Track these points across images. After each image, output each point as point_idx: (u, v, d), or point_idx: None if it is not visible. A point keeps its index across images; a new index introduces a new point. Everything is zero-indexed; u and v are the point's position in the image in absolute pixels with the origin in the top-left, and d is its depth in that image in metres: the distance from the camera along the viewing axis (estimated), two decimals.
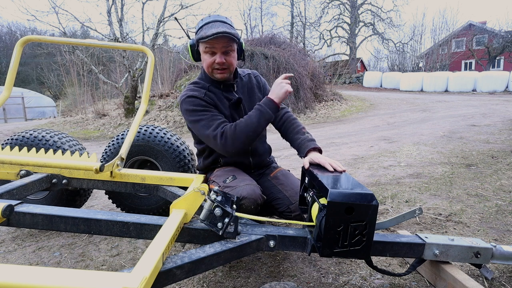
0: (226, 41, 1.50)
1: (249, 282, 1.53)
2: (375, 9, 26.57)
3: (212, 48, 1.51)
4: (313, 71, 11.21)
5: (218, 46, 1.50)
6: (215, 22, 1.50)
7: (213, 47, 1.50)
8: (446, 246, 1.34)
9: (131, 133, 2.07)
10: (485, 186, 2.75)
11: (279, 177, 1.70)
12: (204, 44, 1.51)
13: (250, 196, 1.43)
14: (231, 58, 1.56)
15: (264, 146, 1.82)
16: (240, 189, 1.46)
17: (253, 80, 1.78)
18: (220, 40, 1.48)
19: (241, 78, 1.74)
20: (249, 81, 1.76)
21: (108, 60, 15.17)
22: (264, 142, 1.83)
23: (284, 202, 1.56)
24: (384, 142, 5.15)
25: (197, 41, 1.54)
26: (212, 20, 1.51)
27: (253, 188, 1.48)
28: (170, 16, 10.75)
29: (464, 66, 25.80)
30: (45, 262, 1.81)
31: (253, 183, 1.53)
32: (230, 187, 1.50)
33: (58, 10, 9.91)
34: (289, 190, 1.59)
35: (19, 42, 1.99)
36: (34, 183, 1.83)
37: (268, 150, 1.84)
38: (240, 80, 1.74)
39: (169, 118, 8.85)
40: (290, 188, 1.60)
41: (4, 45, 29.93)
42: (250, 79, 1.78)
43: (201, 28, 1.51)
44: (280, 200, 1.58)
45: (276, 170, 1.77)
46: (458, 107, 9.71)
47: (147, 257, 0.97)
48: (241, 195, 1.43)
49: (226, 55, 1.54)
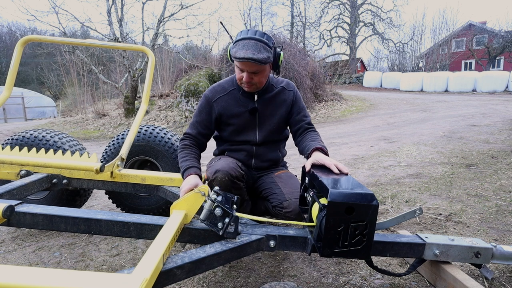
0: (254, 65, 1.50)
1: (249, 282, 1.53)
2: (375, 9, 26.56)
3: (241, 67, 1.54)
4: (313, 71, 11.21)
5: (245, 68, 1.53)
6: (249, 40, 1.48)
7: (242, 67, 1.54)
8: (446, 246, 1.34)
9: (131, 133, 2.07)
10: (485, 186, 2.75)
11: (282, 176, 1.72)
12: (235, 60, 1.53)
13: (223, 168, 1.50)
14: (259, 77, 1.57)
15: (273, 154, 1.79)
16: (216, 165, 1.55)
17: (285, 94, 1.74)
18: (246, 64, 1.50)
19: (270, 89, 1.72)
20: (277, 93, 1.73)
21: (108, 60, 15.16)
22: (274, 151, 1.79)
23: (278, 197, 1.58)
24: (384, 142, 5.15)
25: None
26: (246, 37, 1.49)
27: (227, 162, 1.54)
28: (170, 16, 10.76)
29: (464, 66, 25.79)
30: (45, 262, 1.81)
31: (231, 160, 1.58)
32: (210, 166, 1.60)
33: (58, 10, 9.91)
34: (287, 188, 1.60)
35: (19, 42, 1.99)
36: (34, 183, 1.83)
37: (276, 159, 1.81)
38: (268, 91, 1.71)
39: (169, 118, 8.86)
40: (289, 187, 1.61)
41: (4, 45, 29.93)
42: (281, 92, 1.73)
43: (237, 42, 1.51)
44: (276, 195, 1.60)
45: (282, 171, 1.78)
46: (458, 107, 9.71)
47: (147, 258, 0.97)
48: (215, 169, 1.51)
49: (254, 74, 1.56)
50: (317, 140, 1.57)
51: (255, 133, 1.72)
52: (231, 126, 1.71)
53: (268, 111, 1.72)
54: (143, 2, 10.59)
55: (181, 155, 1.64)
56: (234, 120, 1.70)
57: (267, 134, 1.73)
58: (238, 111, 1.69)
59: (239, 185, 1.57)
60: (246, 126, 1.71)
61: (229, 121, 1.70)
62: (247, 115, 1.69)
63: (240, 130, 1.72)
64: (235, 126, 1.71)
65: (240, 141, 1.74)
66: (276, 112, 1.73)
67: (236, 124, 1.70)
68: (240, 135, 1.73)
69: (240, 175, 1.56)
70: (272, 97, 1.72)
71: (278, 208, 1.56)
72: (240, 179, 1.57)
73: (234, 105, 1.69)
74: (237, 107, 1.69)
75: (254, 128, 1.72)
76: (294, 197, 1.54)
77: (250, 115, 1.69)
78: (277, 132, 1.76)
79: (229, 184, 1.51)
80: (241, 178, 1.57)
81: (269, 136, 1.74)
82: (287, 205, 1.53)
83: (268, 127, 1.72)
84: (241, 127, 1.71)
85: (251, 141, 1.73)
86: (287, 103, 1.74)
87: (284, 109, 1.74)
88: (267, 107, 1.71)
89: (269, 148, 1.78)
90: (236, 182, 1.54)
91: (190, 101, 9.01)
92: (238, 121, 1.69)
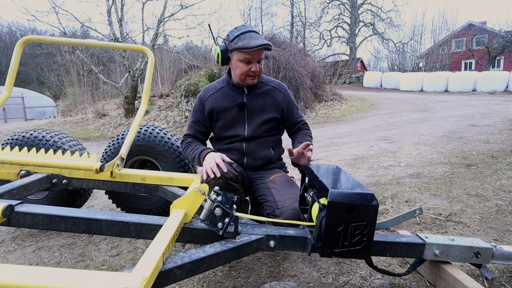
0: (263, 52, 1.65)
1: (249, 282, 1.53)
2: (375, 9, 26.55)
3: (250, 58, 1.62)
4: (313, 71, 11.21)
5: (256, 56, 1.62)
6: (252, 32, 1.62)
7: (252, 57, 1.62)
8: (446, 246, 1.34)
9: (131, 133, 2.07)
10: (485, 186, 2.75)
11: (276, 181, 1.68)
12: (242, 54, 1.61)
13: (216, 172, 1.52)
14: (261, 66, 1.70)
15: (264, 152, 1.78)
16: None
17: (275, 93, 1.80)
18: (259, 51, 1.61)
19: (259, 86, 1.79)
20: (268, 91, 1.79)
21: (108, 60, 15.16)
22: (265, 149, 1.79)
23: (271, 205, 1.54)
24: (384, 142, 5.15)
25: (234, 49, 1.62)
26: (248, 30, 1.63)
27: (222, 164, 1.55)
28: (170, 16, 10.76)
29: (464, 66, 25.78)
30: (45, 262, 1.82)
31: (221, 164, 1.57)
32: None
33: (58, 10, 9.92)
34: (280, 195, 1.56)
35: (19, 42, 1.99)
36: (34, 183, 1.83)
37: (268, 157, 1.80)
38: (257, 87, 1.78)
39: (169, 118, 8.85)
40: (282, 194, 1.57)
41: (4, 45, 29.93)
42: (271, 91, 1.80)
43: (239, 37, 1.60)
44: (269, 203, 1.56)
45: (276, 175, 1.74)
46: (458, 107, 9.71)
47: (147, 257, 0.97)
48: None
49: (259, 64, 1.67)
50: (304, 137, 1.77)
51: (244, 128, 1.75)
52: (221, 121, 1.76)
53: (257, 107, 1.76)
54: (143, 2, 10.59)
55: (190, 148, 1.73)
56: (224, 115, 1.75)
57: (255, 128, 1.75)
58: (227, 105, 1.75)
59: (234, 186, 1.56)
60: (235, 120, 1.75)
61: (219, 115, 1.76)
62: (236, 110, 1.74)
63: (230, 125, 1.76)
64: (224, 121, 1.76)
65: (230, 136, 1.76)
66: (265, 108, 1.77)
67: (226, 118, 1.75)
68: (230, 129, 1.76)
69: (234, 176, 1.55)
70: (262, 94, 1.78)
71: (271, 216, 1.53)
72: (235, 180, 1.56)
73: (224, 100, 1.76)
74: (226, 102, 1.75)
75: (243, 122, 1.75)
76: (287, 204, 1.50)
77: (239, 110, 1.74)
78: (267, 129, 1.77)
79: (224, 186, 1.51)
80: (235, 179, 1.56)
81: (258, 131, 1.75)
82: (279, 213, 1.49)
83: (257, 122, 1.75)
84: (231, 122, 1.75)
85: (240, 135, 1.74)
86: (278, 104, 1.79)
87: (274, 108, 1.79)
88: (257, 103, 1.76)
89: (260, 145, 1.77)
90: (231, 183, 1.53)
91: (190, 101, 9.01)
92: (227, 115, 1.75)
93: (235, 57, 1.65)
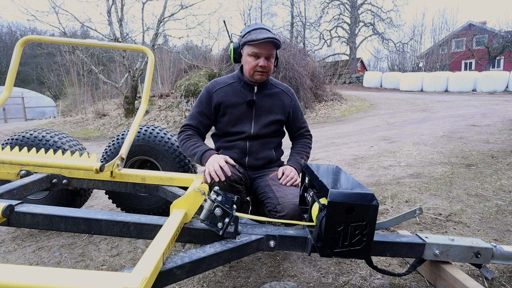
0: (271, 48, 1.65)
1: (249, 282, 1.53)
2: (375, 9, 26.56)
3: (258, 52, 1.64)
4: (313, 71, 11.20)
5: (263, 51, 1.64)
6: (263, 29, 1.66)
7: (260, 51, 1.64)
8: (446, 246, 1.34)
9: (131, 133, 2.07)
10: (485, 186, 2.75)
11: (275, 179, 1.70)
12: (251, 48, 1.64)
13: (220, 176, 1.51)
14: (270, 64, 1.70)
15: (266, 153, 1.79)
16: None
17: (284, 97, 1.84)
18: (267, 46, 1.63)
19: (269, 87, 1.81)
20: (277, 93, 1.82)
21: (108, 60, 15.16)
22: (267, 149, 1.80)
23: (272, 202, 1.56)
24: (384, 142, 5.15)
25: (244, 44, 1.67)
26: (260, 27, 1.67)
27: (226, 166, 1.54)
28: (170, 16, 10.76)
29: (464, 66, 25.78)
30: (45, 262, 1.81)
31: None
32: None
33: (58, 10, 9.92)
34: (281, 191, 1.58)
35: (19, 42, 1.99)
36: (34, 183, 1.83)
37: (269, 157, 1.81)
38: (268, 88, 1.80)
39: (169, 118, 8.85)
40: (283, 190, 1.59)
41: (4, 45, 29.92)
42: (280, 93, 1.83)
43: (249, 33, 1.66)
44: (270, 200, 1.58)
45: (276, 172, 1.76)
46: (458, 107, 9.71)
47: (147, 257, 0.97)
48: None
49: (268, 60, 1.68)
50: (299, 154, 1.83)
51: (250, 125, 1.75)
52: (228, 116, 1.76)
53: (265, 106, 1.77)
54: (143, 2, 10.59)
55: (190, 143, 1.71)
56: (231, 110, 1.75)
57: (261, 127, 1.75)
58: (236, 101, 1.75)
59: (238, 188, 1.56)
60: (242, 117, 1.75)
61: (226, 110, 1.75)
62: (245, 106, 1.75)
63: (236, 121, 1.75)
64: (231, 116, 1.75)
65: (235, 132, 1.76)
66: (273, 109, 1.78)
67: (233, 114, 1.75)
68: (236, 126, 1.75)
69: (239, 178, 1.56)
70: (271, 95, 1.79)
71: (273, 213, 1.55)
72: (239, 182, 1.56)
73: (233, 95, 1.76)
74: (236, 98, 1.75)
75: (250, 120, 1.76)
76: (287, 200, 1.51)
77: (248, 107, 1.75)
78: (272, 129, 1.79)
79: (228, 188, 1.51)
80: (239, 181, 1.56)
81: (263, 130, 1.76)
82: (281, 209, 1.50)
83: (264, 121, 1.76)
84: (238, 118, 1.75)
85: (246, 132, 1.74)
86: (285, 107, 1.82)
87: (281, 110, 1.81)
88: (266, 102, 1.77)
89: (262, 145, 1.78)
90: (235, 185, 1.54)
91: (190, 101, 9.01)
92: (235, 111, 1.75)
93: (245, 51, 1.68)
